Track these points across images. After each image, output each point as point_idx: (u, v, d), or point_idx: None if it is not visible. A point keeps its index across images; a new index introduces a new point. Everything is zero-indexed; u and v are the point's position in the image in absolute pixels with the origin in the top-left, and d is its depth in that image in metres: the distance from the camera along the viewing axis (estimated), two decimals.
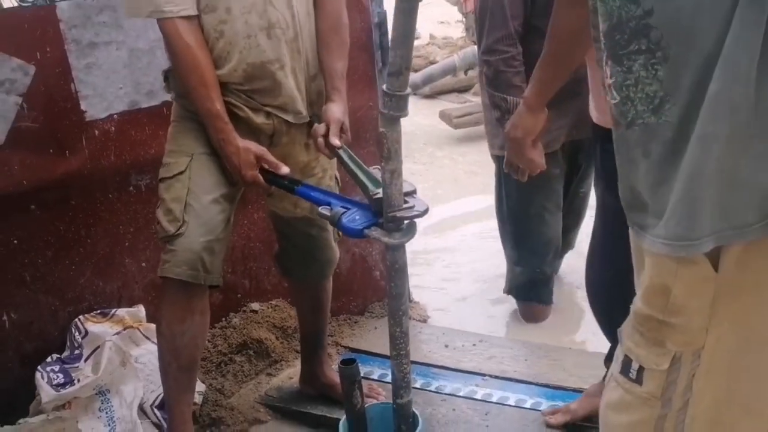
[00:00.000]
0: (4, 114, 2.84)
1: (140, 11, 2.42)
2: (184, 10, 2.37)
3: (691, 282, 1.69)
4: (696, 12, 1.52)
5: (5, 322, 3.02)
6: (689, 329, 1.72)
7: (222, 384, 3.22)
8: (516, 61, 2.94)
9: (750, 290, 1.72)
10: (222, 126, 2.45)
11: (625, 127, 1.68)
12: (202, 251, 2.49)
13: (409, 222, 2.17)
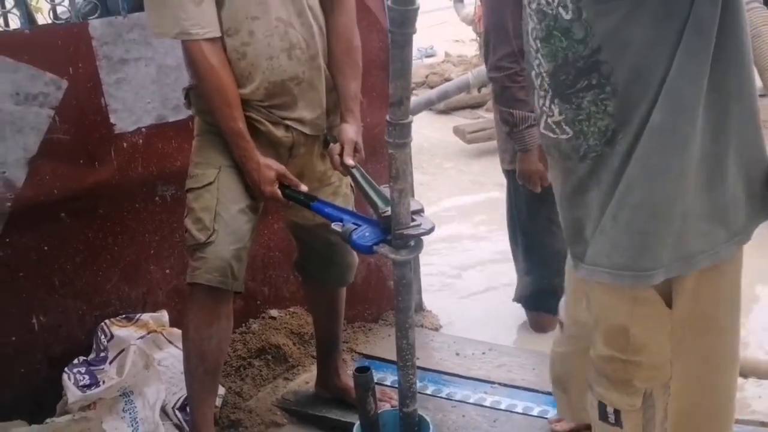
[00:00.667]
0: (36, 126, 2.87)
1: (167, 32, 2.44)
2: (210, 32, 2.41)
3: (648, 320, 1.70)
4: (643, 46, 1.53)
5: (35, 324, 3.04)
6: (653, 364, 1.74)
7: (241, 387, 3.23)
8: (520, 77, 2.95)
9: (706, 319, 1.73)
10: (244, 144, 2.48)
11: (578, 160, 1.68)
12: (232, 259, 2.51)
13: (416, 239, 2.19)
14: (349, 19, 2.61)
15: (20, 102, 2.84)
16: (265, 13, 2.46)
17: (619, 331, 1.72)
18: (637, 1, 1.52)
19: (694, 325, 1.71)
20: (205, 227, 2.51)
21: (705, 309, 1.71)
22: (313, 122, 2.62)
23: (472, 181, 5.24)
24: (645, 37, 1.53)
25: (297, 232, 2.87)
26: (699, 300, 1.69)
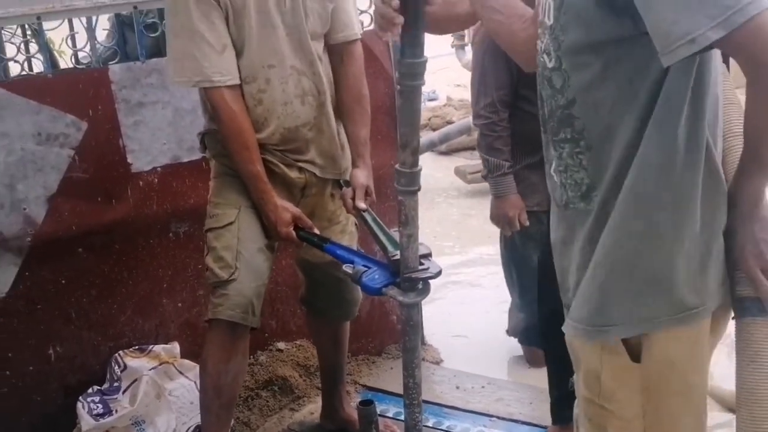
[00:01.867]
0: (57, 165, 2.89)
1: (188, 80, 2.46)
2: (230, 79, 2.44)
3: (615, 370, 1.67)
4: (614, 107, 1.51)
5: (51, 355, 3.03)
6: (623, 416, 1.70)
7: (248, 417, 3.22)
8: (498, 127, 2.97)
9: (671, 378, 1.68)
10: (262, 186, 2.51)
11: (563, 208, 1.67)
12: (253, 296, 2.54)
13: (423, 282, 2.18)
14: (358, 69, 2.64)
15: (42, 142, 2.86)
16: (280, 63, 2.49)
17: (594, 376, 1.70)
18: (609, 60, 1.50)
19: (661, 383, 1.69)
20: (227, 265, 2.52)
21: (670, 368, 1.69)
22: (324, 164, 2.65)
23: (473, 221, 5.26)
24: (615, 97, 1.51)
25: (306, 268, 2.87)
26: (663, 359, 1.66)
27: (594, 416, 1.75)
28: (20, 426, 2.82)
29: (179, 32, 2.43)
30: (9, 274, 2.90)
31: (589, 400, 1.74)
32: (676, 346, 1.65)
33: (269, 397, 3.33)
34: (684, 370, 1.68)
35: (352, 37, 2.62)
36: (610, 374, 1.68)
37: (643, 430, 1.71)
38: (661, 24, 1.36)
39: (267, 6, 2.45)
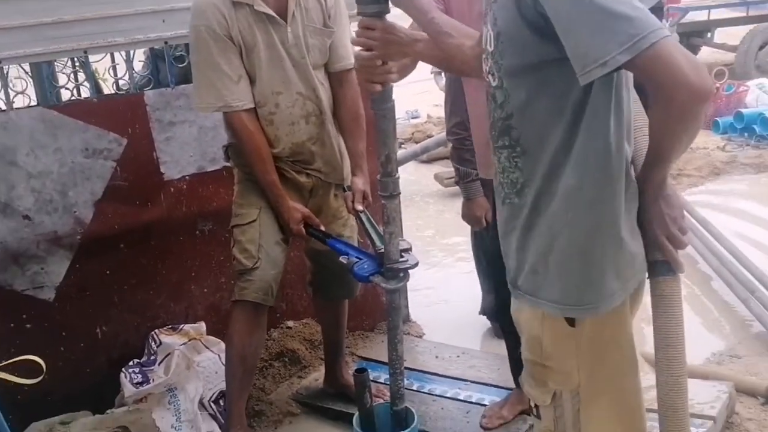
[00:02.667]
0: (102, 175, 2.89)
1: (210, 106, 2.46)
2: (246, 104, 2.45)
3: (554, 334, 1.68)
4: (546, 119, 1.51)
5: (98, 333, 3.03)
6: (562, 371, 1.70)
7: (263, 384, 3.21)
8: (467, 141, 2.94)
9: (607, 344, 1.69)
10: (277, 191, 2.53)
11: (502, 203, 1.68)
12: (272, 281, 2.56)
13: (404, 272, 2.19)
14: (355, 92, 2.62)
15: (89, 156, 2.86)
16: (287, 89, 2.50)
17: (536, 341, 1.70)
18: (541, 79, 1.49)
19: (593, 344, 1.68)
20: (251, 256, 2.54)
21: (599, 334, 1.68)
22: (327, 171, 2.67)
23: (450, 217, 5.28)
24: (547, 111, 1.51)
25: (314, 256, 2.85)
26: (592, 328, 1.66)
27: (536, 374, 1.74)
28: (73, 393, 2.80)
29: (201, 66, 2.42)
30: (63, 267, 2.90)
31: (533, 361, 1.74)
32: (602, 321, 1.65)
33: (280, 366, 3.32)
34: (612, 334, 1.69)
35: (348, 66, 2.60)
36: (550, 338, 1.68)
37: (578, 384, 1.70)
38: (578, 49, 1.37)
39: (274, 43, 2.44)
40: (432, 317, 3.74)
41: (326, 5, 2.52)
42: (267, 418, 3.04)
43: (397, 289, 2.21)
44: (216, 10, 2.35)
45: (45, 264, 2.87)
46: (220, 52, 2.38)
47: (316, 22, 2.51)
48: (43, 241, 2.84)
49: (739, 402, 2.89)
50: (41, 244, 2.85)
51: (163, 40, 2.88)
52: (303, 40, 2.48)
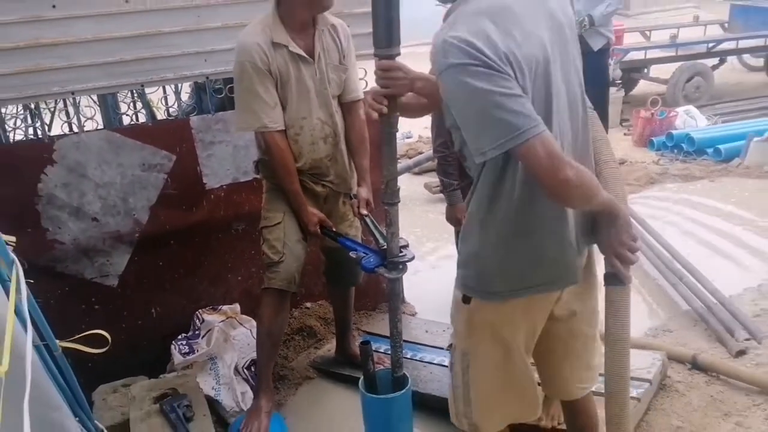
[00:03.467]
0: (155, 185, 2.89)
1: (250, 127, 2.46)
2: (279, 126, 2.45)
3: (456, 306, 1.78)
4: (471, 165, 1.62)
5: (153, 313, 3.05)
6: (457, 331, 1.82)
7: (286, 354, 3.21)
8: (449, 158, 2.93)
9: (485, 325, 1.74)
10: (299, 199, 2.53)
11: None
12: (294, 272, 2.57)
13: (402, 264, 2.19)
14: (361, 120, 2.62)
15: (145, 169, 2.86)
16: (310, 115, 2.49)
17: (452, 306, 1.81)
18: (463, 141, 1.57)
19: (474, 322, 1.74)
20: (277, 251, 2.54)
21: (482, 317, 1.73)
22: (338, 183, 2.66)
23: (438, 219, 5.28)
24: (474, 164, 1.59)
25: (328, 251, 2.85)
26: (478, 310, 1.72)
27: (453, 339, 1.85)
28: (132, 362, 2.80)
29: (244, 94, 2.42)
30: (124, 259, 2.92)
31: (450, 317, 1.85)
32: (484, 307, 1.71)
33: (300, 339, 3.32)
34: (491, 320, 1.73)
35: (357, 98, 2.61)
36: (454, 307, 1.79)
37: (465, 346, 1.79)
38: (467, 139, 1.50)
39: (303, 77, 2.45)
40: (423, 299, 3.73)
41: (341, 46, 2.52)
42: (289, 381, 3.05)
43: (397, 278, 2.21)
44: (259, 48, 2.36)
45: (110, 257, 2.88)
46: (260, 82, 2.38)
47: (334, 60, 2.51)
48: (108, 238, 2.85)
49: (671, 368, 2.90)
50: (107, 241, 2.85)
51: (204, 75, 2.88)
52: (325, 75, 2.49)
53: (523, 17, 1.46)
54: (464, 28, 1.43)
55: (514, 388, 1.81)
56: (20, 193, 2.65)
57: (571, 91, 1.57)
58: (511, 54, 1.41)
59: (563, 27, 1.54)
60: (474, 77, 1.39)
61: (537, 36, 1.46)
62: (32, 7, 2.49)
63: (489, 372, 1.78)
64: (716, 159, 5.76)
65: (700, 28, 8.86)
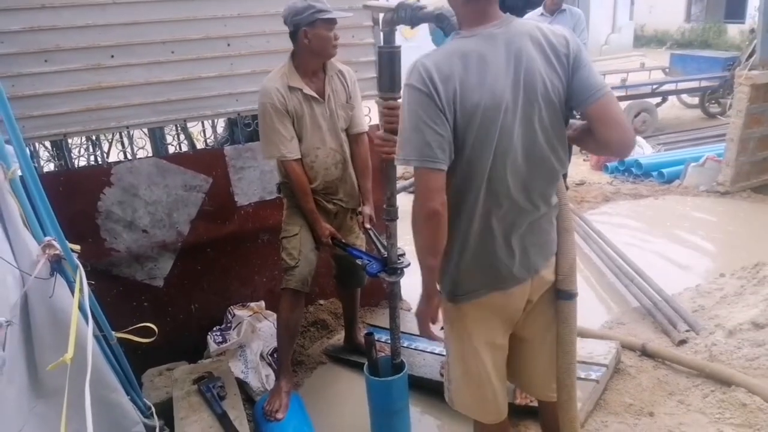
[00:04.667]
0: (195, 203, 2.89)
1: (273, 156, 2.46)
2: (296, 156, 2.44)
3: (443, 300, 1.68)
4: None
5: (192, 309, 3.03)
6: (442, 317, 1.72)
7: (303, 343, 3.19)
8: None
9: (448, 320, 1.71)
10: (314, 216, 2.51)
11: None
12: (307, 275, 2.54)
13: (400, 270, 2.19)
14: (365, 149, 2.62)
15: (187, 190, 2.86)
16: (323, 145, 2.49)
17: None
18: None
19: (444, 315, 1.71)
20: (294, 258, 2.52)
21: (446, 313, 1.70)
22: (347, 201, 2.64)
23: None
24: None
25: (337, 259, 2.84)
26: (445, 307, 1.68)
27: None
28: (176, 349, 2.79)
29: (266, 130, 2.42)
30: (168, 264, 2.91)
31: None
32: (447, 305, 1.67)
33: (315, 331, 3.30)
34: (450, 317, 1.69)
35: (362, 130, 2.61)
36: (442, 301, 1.68)
37: (444, 332, 1.74)
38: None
39: (315, 115, 2.45)
40: (416, 296, 3.71)
41: (348, 88, 2.53)
42: (305, 366, 3.04)
43: (396, 281, 2.20)
44: (277, 92, 2.37)
45: (157, 262, 2.87)
46: (279, 120, 2.38)
47: (342, 100, 2.51)
48: (155, 247, 2.85)
49: (624, 354, 2.89)
50: (154, 249, 2.85)
51: (236, 112, 2.89)
52: (335, 112, 2.49)
53: (492, 67, 1.42)
54: (433, 60, 1.43)
55: (471, 384, 1.72)
56: (83, 210, 2.66)
57: (530, 141, 1.48)
58: (457, 95, 1.40)
59: (536, 86, 1.45)
60: (416, 100, 1.42)
61: (498, 85, 1.42)
62: (95, 57, 2.52)
63: (455, 361, 1.74)
64: (660, 181, 5.76)
65: (645, 72, 8.89)
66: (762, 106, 4.98)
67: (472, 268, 1.58)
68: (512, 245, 1.56)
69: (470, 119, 1.42)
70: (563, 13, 4.67)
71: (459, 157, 1.47)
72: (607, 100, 1.45)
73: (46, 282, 1.52)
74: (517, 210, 1.52)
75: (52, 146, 2.94)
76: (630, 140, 1.47)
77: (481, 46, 1.44)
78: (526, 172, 1.50)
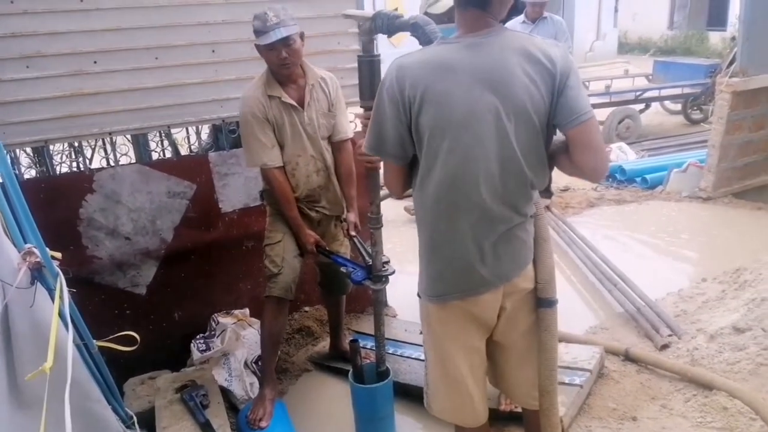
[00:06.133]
0: (179, 209, 2.88)
1: (255, 164, 2.46)
2: (277, 164, 2.45)
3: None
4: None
5: (175, 316, 3.02)
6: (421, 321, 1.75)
7: (288, 350, 3.19)
8: None
9: (423, 318, 1.73)
10: (297, 223, 2.52)
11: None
12: (291, 283, 2.53)
13: (385, 277, 2.20)
14: (349, 156, 2.62)
15: (170, 196, 2.85)
16: (304, 153, 2.50)
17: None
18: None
19: (421, 313, 1.73)
20: (276, 265, 2.52)
21: (422, 311, 1.72)
22: (330, 208, 2.64)
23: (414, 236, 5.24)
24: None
25: (322, 266, 2.84)
26: (422, 305, 1.71)
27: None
28: (158, 358, 2.77)
29: (248, 138, 2.43)
30: (151, 271, 2.89)
31: None
32: (423, 304, 1.70)
33: (300, 338, 3.30)
34: (424, 315, 1.71)
35: (345, 138, 2.61)
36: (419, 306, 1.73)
37: (423, 336, 1.76)
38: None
39: (296, 123, 2.45)
40: (403, 303, 3.73)
41: (330, 96, 2.53)
42: (290, 373, 3.03)
43: (381, 289, 2.21)
44: (257, 100, 2.38)
45: (139, 270, 2.86)
46: (259, 129, 2.39)
47: (324, 108, 2.51)
48: (138, 254, 2.83)
49: (607, 359, 2.92)
50: (137, 256, 2.83)
51: (221, 119, 2.90)
52: (315, 120, 2.49)
53: (465, 76, 1.43)
54: (408, 61, 1.49)
55: (448, 388, 1.71)
56: (65, 216, 2.64)
57: (506, 153, 1.48)
58: (422, 98, 1.45)
59: (514, 100, 1.44)
60: (382, 96, 1.52)
61: (471, 94, 1.43)
62: (78, 63, 2.51)
63: (432, 364, 1.74)
64: (643, 186, 5.84)
65: (629, 79, 9.02)
66: (742, 113, 5.08)
67: (442, 269, 1.60)
68: (484, 251, 1.56)
69: (435, 124, 1.45)
70: (545, 20, 4.72)
71: (428, 160, 1.51)
72: (589, 126, 1.45)
73: (26, 291, 1.51)
74: (490, 218, 1.53)
75: (33, 153, 2.91)
76: (603, 168, 1.49)
77: (461, 53, 1.45)
78: (500, 182, 1.51)
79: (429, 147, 1.48)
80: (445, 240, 1.56)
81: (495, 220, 1.54)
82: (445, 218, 1.54)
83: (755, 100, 5.09)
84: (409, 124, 1.49)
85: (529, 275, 1.66)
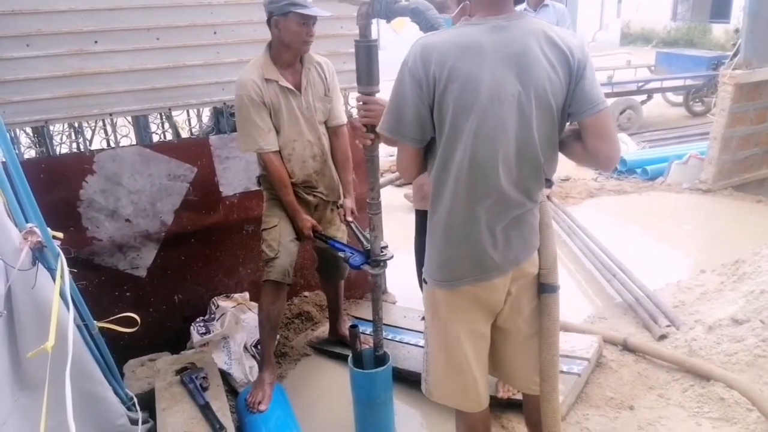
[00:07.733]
0: (179, 192, 2.87)
1: (250, 149, 2.44)
2: (273, 148, 2.43)
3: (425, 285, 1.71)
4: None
5: (175, 299, 3.02)
6: (424, 307, 1.74)
7: (287, 334, 3.19)
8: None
9: (427, 304, 1.72)
10: (294, 207, 2.50)
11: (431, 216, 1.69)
12: (288, 267, 2.52)
13: (383, 262, 2.19)
14: (345, 140, 2.61)
15: (171, 179, 2.84)
16: (300, 138, 2.48)
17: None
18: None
19: (425, 299, 1.72)
20: (273, 249, 2.51)
21: (426, 297, 1.71)
22: (327, 193, 2.63)
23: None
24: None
25: (320, 251, 2.84)
26: (426, 291, 1.70)
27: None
28: (158, 340, 2.78)
29: (243, 122, 2.40)
30: (152, 254, 2.89)
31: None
32: (428, 290, 1.69)
33: (299, 323, 3.30)
34: (429, 301, 1.70)
35: (341, 123, 2.60)
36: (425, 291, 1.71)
37: (426, 322, 1.75)
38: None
39: (293, 107, 2.44)
40: (402, 289, 3.73)
41: (326, 81, 2.52)
42: (290, 358, 3.04)
43: (379, 273, 2.20)
44: (254, 83, 2.35)
45: (140, 252, 2.85)
46: (256, 112, 2.36)
47: (320, 92, 2.50)
48: (138, 236, 2.83)
49: (606, 349, 2.93)
50: (137, 239, 2.83)
51: (222, 101, 2.88)
52: (312, 104, 2.47)
53: (491, 58, 1.42)
54: (432, 41, 1.45)
55: (453, 373, 1.71)
56: (65, 198, 2.63)
57: (525, 138, 1.49)
58: (447, 79, 1.42)
59: (536, 86, 1.44)
60: (403, 76, 1.47)
61: (495, 77, 1.42)
62: (78, 42, 2.48)
63: (436, 350, 1.74)
64: (644, 178, 5.84)
65: (631, 70, 8.98)
66: (745, 106, 5.06)
67: (455, 254, 1.59)
68: (496, 236, 1.57)
69: (459, 104, 1.43)
70: (546, 8, 4.67)
71: (449, 140, 1.48)
72: (605, 115, 1.48)
73: (28, 272, 1.50)
74: (505, 202, 1.54)
75: (33, 133, 2.88)
76: (617, 156, 1.52)
77: (485, 35, 1.44)
78: (516, 167, 1.51)
79: (451, 127, 1.46)
80: (460, 223, 1.55)
81: (509, 204, 1.54)
82: (462, 200, 1.53)
83: (758, 92, 5.07)
84: (431, 104, 1.46)
85: (535, 260, 1.67)
